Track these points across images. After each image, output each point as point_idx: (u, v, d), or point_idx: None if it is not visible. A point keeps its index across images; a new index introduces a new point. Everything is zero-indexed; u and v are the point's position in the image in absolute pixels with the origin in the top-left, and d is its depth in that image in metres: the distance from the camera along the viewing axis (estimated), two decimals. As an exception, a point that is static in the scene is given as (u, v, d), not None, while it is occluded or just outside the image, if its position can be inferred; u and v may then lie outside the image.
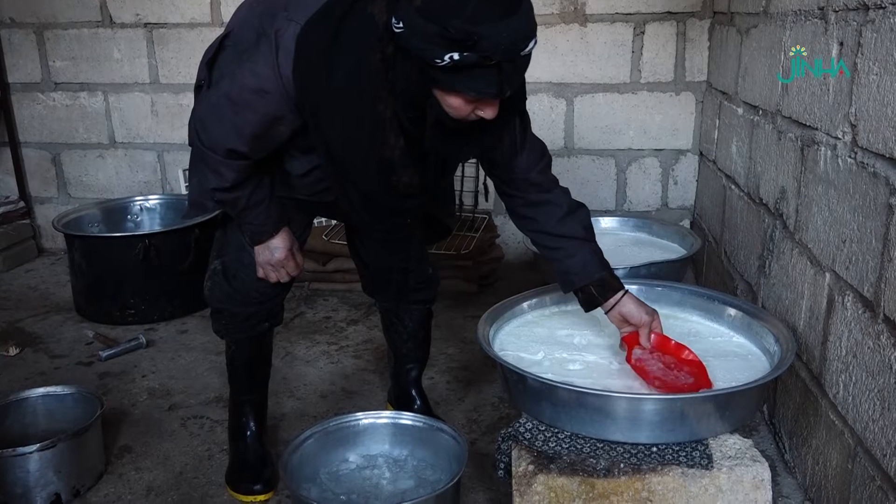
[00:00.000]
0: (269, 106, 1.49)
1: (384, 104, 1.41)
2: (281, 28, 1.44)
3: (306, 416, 2.27)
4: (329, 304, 3.12)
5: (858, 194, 1.48)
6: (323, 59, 1.41)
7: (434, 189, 1.69)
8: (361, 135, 1.46)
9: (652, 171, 3.39)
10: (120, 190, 3.72)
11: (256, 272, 1.79)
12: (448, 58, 1.23)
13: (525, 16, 1.26)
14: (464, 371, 2.53)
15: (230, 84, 1.52)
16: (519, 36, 1.25)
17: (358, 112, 1.44)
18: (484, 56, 1.23)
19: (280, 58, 1.44)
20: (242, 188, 1.63)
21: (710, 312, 1.87)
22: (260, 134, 1.53)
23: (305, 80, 1.43)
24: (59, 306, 3.15)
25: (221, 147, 1.55)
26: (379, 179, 1.52)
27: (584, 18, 3.22)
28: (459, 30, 1.21)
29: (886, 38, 1.37)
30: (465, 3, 1.21)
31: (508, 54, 1.24)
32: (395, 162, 1.48)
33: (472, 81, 1.28)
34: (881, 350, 1.37)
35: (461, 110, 1.34)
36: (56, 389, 2.06)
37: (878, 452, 1.37)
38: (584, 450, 1.46)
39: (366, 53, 1.37)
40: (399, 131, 1.44)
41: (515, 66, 1.28)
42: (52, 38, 3.59)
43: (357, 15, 1.39)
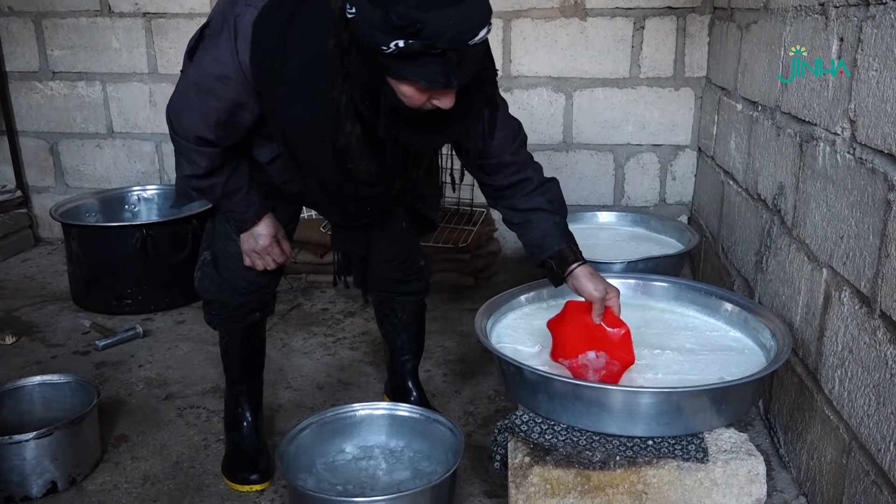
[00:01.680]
0: (231, 92, 1.49)
1: (339, 90, 1.39)
2: (240, 14, 1.44)
3: (303, 407, 2.27)
4: (326, 295, 3.12)
5: (857, 190, 1.49)
6: (277, 45, 1.40)
7: (403, 179, 1.66)
8: (316, 121, 1.45)
9: (650, 166, 3.39)
10: (118, 180, 3.71)
11: (243, 261, 1.79)
12: (393, 45, 1.22)
13: (474, 4, 1.23)
14: (460, 364, 2.53)
15: (196, 72, 1.52)
16: (466, 25, 1.22)
17: (312, 98, 1.42)
18: (428, 44, 1.21)
19: (238, 44, 1.43)
20: (217, 175, 1.63)
21: (707, 307, 1.87)
22: (224, 121, 1.53)
23: (261, 65, 1.43)
24: (56, 296, 3.14)
25: (191, 134, 1.56)
26: (335, 166, 1.51)
27: (585, 13, 3.21)
28: (402, 16, 1.19)
29: (887, 34, 1.37)
30: None
31: (454, 43, 1.22)
32: (352, 149, 1.47)
33: (420, 70, 1.26)
34: (877, 346, 1.38)
35: (415, 99, 1.32)
36: (53, 378, 2.06)
37: (872, 447, 1.38)
38: (580, 442, 1.47)
39: (320, 39, 1.36)
40: (355, 118, 1.43)
41: (463, 55, 1.25)
42: (51, 27, 3.58)
43: (312, 1, 1.38)
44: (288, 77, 1.42)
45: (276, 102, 1.47)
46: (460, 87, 1.32)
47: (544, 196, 1.69)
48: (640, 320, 1.85)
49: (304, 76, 1.41)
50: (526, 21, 3.25)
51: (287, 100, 1.45)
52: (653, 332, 1.79)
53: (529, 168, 1.70)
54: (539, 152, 3.37)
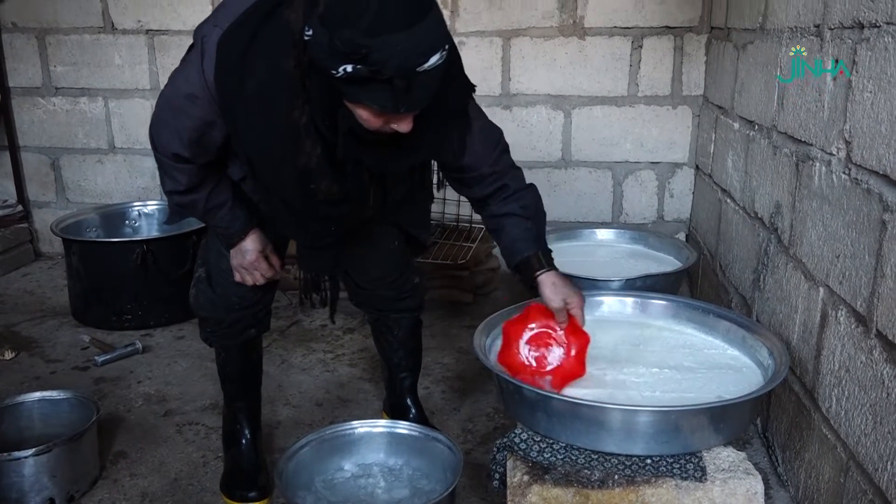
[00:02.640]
0: (200, 111, 1.50)
1: (299, 111, 1.39)
2: (207, 34, 1.45)
3: (301, 423, 2.27)
4: (325, 312, 3.10)
5: (852, 210, 1.50)
6: (239, 65, 1.41)
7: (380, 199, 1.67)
8: (276, 141, 1.45)
9: (648, 183, 3.41)
10: (118, 195, 3.73)
11: (234, 276, 1.80)
12: (342, 70, 1.21)
13: (425, 31, 1.22)
14: (459, 381, 2.54)
15: (169, 91, 1.54)
16: (414, 51, 1.21)
17: (271, 118, 1.42)
18: (374, 70, 1.20)
19: (205, 63, 1.44)
20: (199, 191, 1.65)
21: (704, 325, 1.88)
22: (196, 139, 1.55)
23: (223, 85, 1.43)
24: (56, 311, 3.15)
25: (168, 151, 1.58)
26: (297, 186, 1.51)
27: (583, 32, 3.24)
28: (348, 41, 1.19)
29: (881, 57, 1.39)
30: (362, 15, 1.19)
31: (401, 70, 1.21)
32: (313, 169, 1.46)
33: (371, 95, 1.26)
34: (873, 365, 1.38)
35: (372, 122, 1.32)
36: (52, 394, 2.06)
37: (870, 466, 1.38)
38: (579, 461, 1.47)
39: (280, 60, 1.35)
40: (316, 138, 1.42)
41: (413, 82, 1.23)
42: (54, 43, 3.61)
43: (275, 21, 1.38)
44: (248, 96, 1.42)
45: (237, 121, 1.47)
46: (415, 112, 1.31)
47: (518, 202, 1.70)
48: (639, 338, 1.86)
49: (263, 96, 1.41)
50: (525, 40, 3.28)
51: (247, 119, 1.46)
52: (651, 350, 1.80)
53: (508, 175, 1.70)
54: (538, 169, 3.40)
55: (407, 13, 1.20)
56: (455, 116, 1.54)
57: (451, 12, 3.28)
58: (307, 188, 1.50)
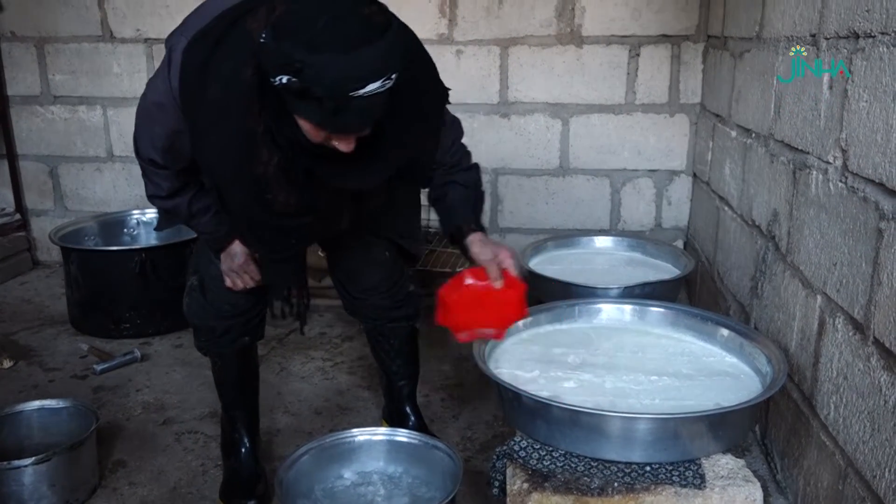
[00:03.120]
0: (168, 120, 1.51)
1: (255, 119, 1.38)
2: (174, 44, 1.47)
3: (301, 431, 2.27)
4: (324, 319, 3.13)
5: (849, 218, 1.51)
6: (200, 73, 1.41)
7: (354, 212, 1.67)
8: (232, 149, 1.45)
9: (646, 191, 3.42)
10: (117, 204, 3.73)
11: (225, 282, 1.80)
12: (279, 80, 1.21)
13: (368, 56, 1.20)
14: (458, 388, 2.54)
15: (143, 99, 1.56)
16: (351, 75, 1.19)
17: (229, 126, 1.42)
18: (305, 87, 1.20)
19: (171, 72, 1.46)
20: (180, 195, 1.66)
21: (703, 332, 1.89)
22: (168, 146, 1.56)
23: (186, 92, 1.44)
24: (54, 319, 3.15)
25: (146, 157, 1.60)
26: (253, 196, 1.50)
27: (581, 40, 3.26)
28: (285, 53, 1.19)
29: (876, 67, 1.41)
30: (308, 29, 1.19)
31: (332, 91, 1.20)
32: (269, 179, 1.45)
33: (306, 110, 1.26)
34: (871, 372, 1.39)
35: (313, 135, 1.32)
36: (51, 403, 2.06)
37: (868, 473, 1.39)
38: (579, 468, 1.48)
39: (239, 68, 1.35)
40: (273, 148, 1.42)
41: (345, 105, 1.22)
42: (53, 52, 3.62)
43: (238, 29, 1.38)
44: (208, 103, 1.43)
45: (196, 129, 1.48)
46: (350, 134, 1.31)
47: (462, 175, 1.73)
48: (637, 345, 1.86)
49: (221, 104, 1.41)
50: (523, 48, 3.30)
51: (206, 125, 1.46)
52: (650, 358, 1.80)
53: (464, 161, 1.75)
54: (536, 177, 3.42)
55: (352, 36, 1.19)
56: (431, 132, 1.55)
57: (449, 21, 3.30)
58: (263, 198, 1.49)
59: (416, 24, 3.65)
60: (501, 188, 3.48)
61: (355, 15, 1.22)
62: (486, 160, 3.44)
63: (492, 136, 3.41)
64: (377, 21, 1.23)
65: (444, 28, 3.31)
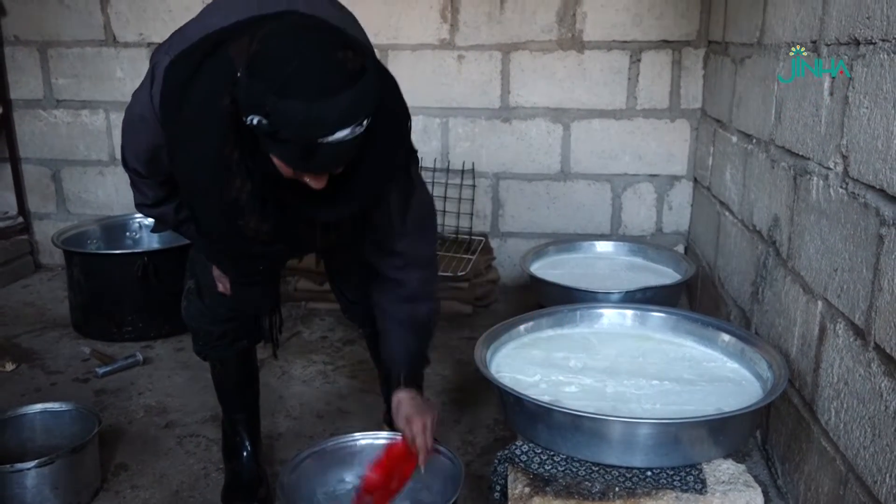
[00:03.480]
0: (150, 133, 1.51)
1: (230, 147, 1.37)
2: (159, 61, 1.46)
3: (302, 435, 2.28)
4: (325, 323, 3.13)
5: (850, 224, 1.51)
6: (179, 94, 1.40)
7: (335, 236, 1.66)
8: (206, 174, 1.43)
9: (647, 196, 3.43)
10: (119, 207, 3.73)
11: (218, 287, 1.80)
12: (250, 119, 1.22)
13: (338, 104, 1.19)
14: (459, 393, 2.54)
15: (128, 110, 1.56)
16: (319, 123, 1.19)
17: (202, 151, 1.41)
18: (274, 130, 1.20)
19: (154, 88, 1.45)
20: (166, 204, 1.67)
21: (703, 338, 1.89)
22: (149, 159, 1.57)
23: (164, 111, 1.44)
24: (56, 322, 3.15)
25: (131, 167, 1.61)
26: (224, 221, 1.49)
27: (582, 46, 3.27)
28: (255, 95, 1.19)
29: (876, 73, 1.41)
30: (279, 73, 1.18)
31: (300, 138, 1.20)
32: (242, 205, 1.44)
33: (276, 149, 1.26)
34: (871, 378, 1.39)
35: (284, 171, 1.32)
36: (54, 406, 2.07)
37: (868, 479, 1.39)
38: (580, 473, 1.48)
39: (217, 95, 1.34)
40: (246, 176, 1.40)
41: (313, 149, 1.22)
42: (56, 56, 3.63)
43: (219, 55, 1.37)
44: (184, 126, 1.42)
45: (172, 149, 1.48)
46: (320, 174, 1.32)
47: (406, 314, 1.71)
48: (638, 350, 1.87)
49: (197, 128, 1.40)
50: (524, 54, 3.31)
51: (180, 149, 1.46)
52: (651, 363, 1.81)
53: (414, 270, 1.69)
54: (537, 182, 3.42)
55: (322, 83, 1.19)
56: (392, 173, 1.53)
57: (450, 26, 3.31)
58: (234, 224, 1.48)
59: (417, 30, 3.70)
60: (503, 193, 3.49)
61: (329, 60, 1.20)
62: (488, 165, 3.46)
63: (493, 140, 3.42)
64: (350, 67, 1.21)
65: (446, 33, 3.32)
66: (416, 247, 1.66)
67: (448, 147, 3.45)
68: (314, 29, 1.26)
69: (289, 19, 1.31)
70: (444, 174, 3.45)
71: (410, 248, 1.65)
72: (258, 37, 1.24)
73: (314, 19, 1.32)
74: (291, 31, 1.25)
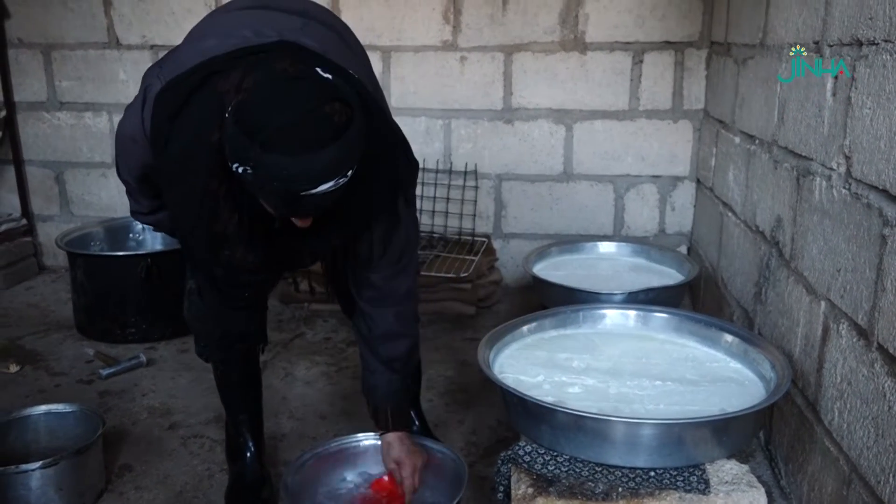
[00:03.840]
0: (142, 154, 1.53)
1: (218, 180, 1.38)
2: (150, 85, 1.47)
3: (306, 436, 2.28)
4: (329, 324, 3.14)
5: (853, 224, 1.52)
6: (166, 127, 1.41)
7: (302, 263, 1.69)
8: (193, 207, 1.44)
9: (650, 197, 3.43)
10: (122, 209, 3.70)
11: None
12: (235, 166, 1.23)
13: (321, 159, 1.21)
14: (463, 393, 2.55)
15: (120, 126, 1.57)
16: (300, 178, 1.21)
17: (188, 184, 1.42)
18: (258, 181, 1.22)
19: (144, 112, 1.47)
20: (161, 211, 1.69)
21: (707, 338, 1.89)
22: (141, 176, 1.59)
23: (153, 140, 1.45)
24: (60, 324, 3.16)
25: (124, 178, 1.63)
26: (211, 251, 1.50)
27: (584, 47, 3.27)
28: (241, 148, 1.20)
29: (879, 74, 1.41)
30: (263, 128, 1.19)
31: (282, 191, 1.23)
32: (229, 237, 1.45)
33: (262, 195, 1.28)
34: (875, 378, 1.39)
35: (271, 211, 1.33)
36: (58, 407, 2.07)
37: (872, 479, 1.39)
38: (583, 473, 1.48)
39: (206, 130, 1.34)
40: (234, 208, 1.41)
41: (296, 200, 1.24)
42: (59, 59, 3.64)
43: (208, 89, 1.37)
44: (170, 158, 1.43)
45: (161, 177, 1.50)
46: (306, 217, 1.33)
47: (388, 353, 1.73)
48: (642, 351, 1.87)
49: (183, 161, 1.41)
50: (527, 55, 3.31)
51: (167, 181, 1.48)
52: (654, 363, 1.81)
53: (389, 306, 1.69)
54: (540, 183, 3.43)
55: (307, 138, 1.20)
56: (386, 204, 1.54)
57: (453, 27, 3.31)
58: (221, 254, 1.49)
59: (420, 32, 3.70)
60: (505, 194, 3.49)
61: (315, 113, 1.21)
62: (490, 166, 3.46)
63: (496, 142, 3.42)
64: (337, 121, 1.22)
65: (449, 35, 3.33)
66: (392, 281, 1.67)
67: (451, 148, 3.46)
68: (303, 80, 1.25)
69: (278, 67, 1.28)
70: (447, 175, 3.46)
71: (385, 282, 1.66)
72: (246, 84, 1.24)
73: (305, 68, 1.29)
74: (280, 82, 1.24)
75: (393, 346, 1.73)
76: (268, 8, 1.62)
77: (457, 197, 3.46)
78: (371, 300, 1.69)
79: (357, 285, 1.69)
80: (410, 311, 1.75)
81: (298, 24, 1.56)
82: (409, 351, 1.77)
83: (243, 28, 1.50)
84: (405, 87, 3.40)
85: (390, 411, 1.77)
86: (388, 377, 1.75)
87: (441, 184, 3.44)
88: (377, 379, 1.75)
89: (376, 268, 1.63)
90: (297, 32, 1.50)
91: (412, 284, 1.72)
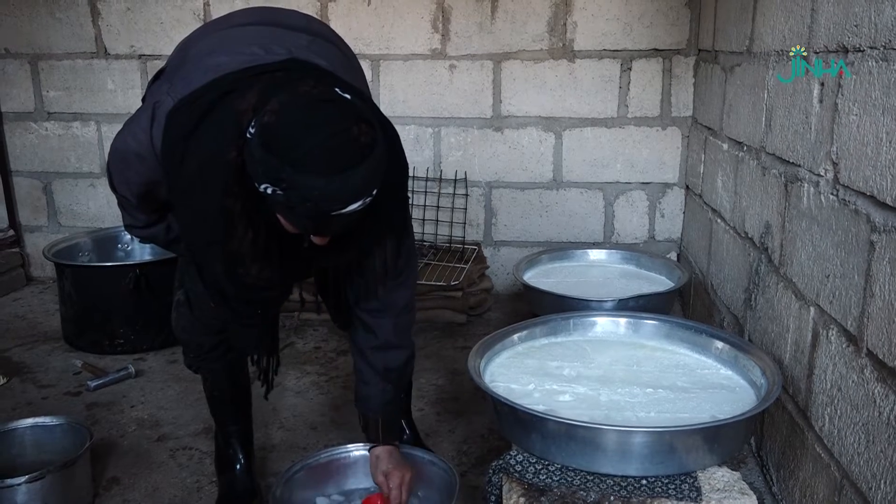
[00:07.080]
0: (148, 170, 1.51)
1: (234, 199, 1.38)
2: (160, 101, 1.46)
3: (296, 447, 2.26)
4: (319, 334, 3.12)
5: (841, 230, 1.52)
6: (180, 145, 1.41)
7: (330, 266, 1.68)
8: (208, 226, 1.44)
9: (639, 203, 3.43)
10: (111, 219, 3.71)
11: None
12: (263, 187, 1.25)
13: (350, 180, 1.23)
14: (454, 402, 2.54)
15: (120, 141, 1.55)
16: (332, 197, 1.23)
17: (204, 203, 1.42)
18: (288, 201, 1.23)
19: (154, 129, 1.45)
20: (157, 224, 1.68)
21: (697, 345, 1.89)
22: (143, 192, 1.58)
23: (166, 160, 1.44)
24: (47, 335, 3.13)
25: (119, 193, 1.61)
26: (225, 269, 1.49)
27: (573, 54, 3.28)
28: (273, 169, 1.21)
29: (865, 81, 1.42)
30: (294, 149, 1.20)
31: (314, 212, 1.24)
32: (244, 254, 1.45)
33: (287, 215, 1.29)
34: (865, 384, 1.40)
35: (290, 228, 1.34)
36: (45, 420, 2.05)
37: (863, 485, 1.39)
38: (575, 482, 1.48)
39: (222, 148, 1.35)
40: (249, 225, 1.42)
41: (326, 220, 1.27)
42: (47, 69, 3.62)
43: (223, 107, 1.37)
44: (184, 176, 1.42)
45: (174, 196, 1.49)
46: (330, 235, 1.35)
47: (382, 363, 1.73)
48: (632, 358, 1.87)
49: (200, 180, 1.41)
50: (516, 63, 3.32)
51: (181, 200, 1.47)
52: (645, 371, 1.81)
53: (388, 317, 1.70)
54: (530, 190, 3.43)
55: (336, 161, 1.21)
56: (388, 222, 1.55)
57: (441, 36, 3.32)
58: (235, 272, 1.49)
59: (409, 40, 3.71)
60: (495, 202, 3.49)
61: (343, 135, 1.22)
62: (480, 174, 3.46)
63: (485, 149, 3.43)
64: (364, 142, 1.24)
65: (438, 43, 3.33)
66: (394, 293, 1.67)
67: (440, 156, 3.46)
68: (328, 102, 1.27)
69: (302, 89, 1.29)
70: (437, 183, 3.46)
71: (387, 294, 1.66)
72: (271, 107, 1.25)
73: (326, 89, 1.30)
74: (306, 104, 1.25)
75: (389, 357, 1.73)
76: (271, 24, 1.63)
77: (447, 205, 3.46)
78: (372, 311, 1.69)
79: (359, 297, 1.68)
80: (408, 322, 1.76)
81: (305, 41, 1.56)
82: (406, 362, 1.77)
83: (252, 45, 1.50)
84: (394, 96, 3.40)
85: (381, 422, 1.76)
86: (382, 387, 1.74)
87: (431, 192, 3.44)
88: (370, 390, 1.75)
89: (382, 281, 1.63)
90: (305, 50, 1.51)
91: (410, 297, 1.73)
